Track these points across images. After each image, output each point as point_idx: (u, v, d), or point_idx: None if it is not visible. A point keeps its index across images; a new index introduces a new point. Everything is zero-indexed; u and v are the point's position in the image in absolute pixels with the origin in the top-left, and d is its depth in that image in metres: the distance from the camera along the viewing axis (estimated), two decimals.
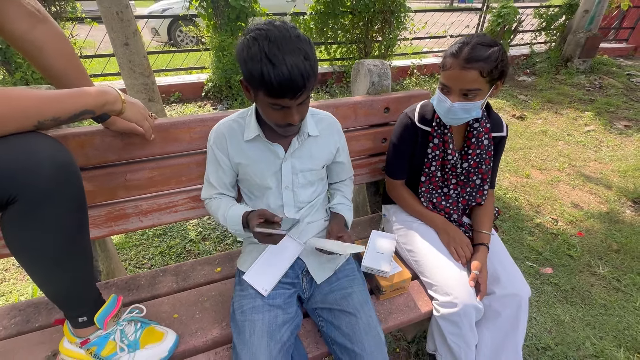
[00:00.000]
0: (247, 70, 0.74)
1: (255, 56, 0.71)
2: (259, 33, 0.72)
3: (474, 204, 1.18)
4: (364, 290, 0.98)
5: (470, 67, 0.92)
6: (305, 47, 0.73)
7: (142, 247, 1.87)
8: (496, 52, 0.92)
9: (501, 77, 0.96)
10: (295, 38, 0.73)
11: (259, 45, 0.70)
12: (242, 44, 0.74)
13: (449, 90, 0.98)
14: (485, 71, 0.91)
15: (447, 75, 0.97)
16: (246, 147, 0.96)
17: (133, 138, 1.03)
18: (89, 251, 0.79)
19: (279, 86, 0.72)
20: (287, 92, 0.73)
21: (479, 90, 0.95)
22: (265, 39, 0.71)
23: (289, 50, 0.71)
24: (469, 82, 0.93)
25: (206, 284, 1.16)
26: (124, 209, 1.12)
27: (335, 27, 4.31)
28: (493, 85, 0.97)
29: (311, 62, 0.74)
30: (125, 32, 2.32)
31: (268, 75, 0.70)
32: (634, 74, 5.38)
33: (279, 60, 0.70)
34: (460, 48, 0.94)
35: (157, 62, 5.03)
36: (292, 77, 0.71)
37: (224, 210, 0.96)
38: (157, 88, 2.64)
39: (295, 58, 0.71)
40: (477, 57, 0.91)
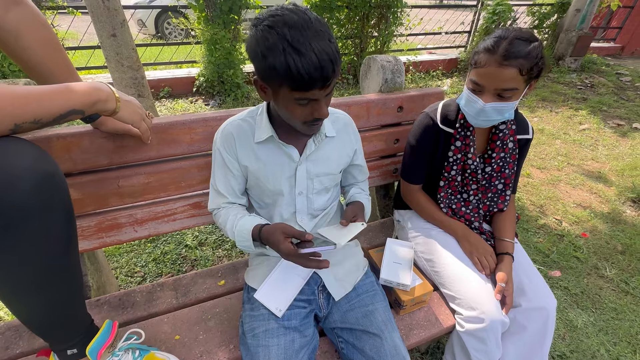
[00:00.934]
0: (267, 65, 0.64)
1: (275, 47, 0.61)
2: (275, 20, 0.62)
3: (496, 210, 1.11)
4: (387, 307, 0.90)
5: (509, 65, 0.83)
6: (326, 28, 0.65)
7: (134, 254, 1.75)
8: (537, 47, 0.84)
9: (538, 76, 0.89)
10: (315, 21, 0.64)
11: (277, 34, 0.61)
12: (254, 36, 0.64)
13: (482, 89, 0.90)
14: (525, 69, 0.84)
15: (481, 73, 0.89)
16: (257, 149, 0.86)
17: (127, 140, 0.92)
18: (77, 272, 0.68)
19: (309, 77, 0.62)
20: (317, 82, 0.64)
21: (516, 90, 0.87)
22: (284, 25, 0.61)
23: (313, 34, 0.62)
24: (506, 81, 0.85)
25: (209, 299, 1.06)
26: (117, 219, 1.01)
27: (330, 21, 4.19)
28: (529, 84, 0.90)
29: (335, 44, 0.65)
30: (112, 22, 2.16)
31: (295, 66, 0.61)
32: (623, 73, 5.47)
33: (306, 47, 0.60)
34: (497, 43, 0.85)
35: (145, 56, 4.81)
36: (323, 64, 0.62)
37: (232, 221, 0.85)
38: (147, 82, 2.49)
39: (322, 42, 0.62)
40: (516, 54, 0.83)
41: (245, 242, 0.82)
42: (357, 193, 1.02)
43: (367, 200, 1.00)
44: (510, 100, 0.90)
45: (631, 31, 6.64)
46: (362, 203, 0.96)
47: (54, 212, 0.57)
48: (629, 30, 6.68)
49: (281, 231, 0.75)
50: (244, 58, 3.81)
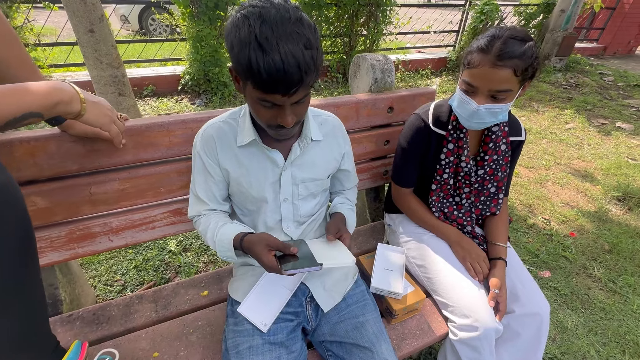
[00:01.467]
0: (234, 55, 0.59)
1: (244, 39, 0.56)
2: (252, 11, 0.57)
3: (488, 213, 1.09)
4: (377, 317, 0.86)
5: (503, 65, 0.80)
6: (308, 33, 0.59)
7: (114, 261, 1.66)
8: (532, 47, 0.81)
9: (533, 77, 0.86)
10: (296, 21, 0.58)
11: (249, 25, 0.56)
12: (231, 23, 0.60)
13: (475, 90, 0.87)
14: (520, 69, 0.80)
15: (475, 74, 0.85)
16: (239, 154, 0.81)
17: (98, 143, 0.85)
18: (36, 292, 0.61)
19: (269, 78, 0.57)
20: (278, 86, 0.59)
21: (510, 92, 0.84)
22: (258, 18, 0.56)
23: (285, 34, 0.56)
24: (501, 82, 0.82)
25: (191, 311, 1.00)
26: (90, 228, 0.94)
27: (319, 19, 4.14)
28: (522, 85, 0.87)
29: (313, 51, 0.59)
30: (89, 17, 2.05)
31: (256, 63, 0.56)
32: (606, 72, 5.60)
33: (271, 46, 0.55)
34: (490, 42, 0.81)
35: (128, 52, 4.66)
36: (286, 69, 0.56)
37: (213, 230, 0.80)
38: (128, 81, 2.39)
39: (293, 45, 0.56)
40: (511, 54, 0.79)
41: (227, 252, 0.77)
42: (340, 203, 0.97)
43: (350, 212, 0.95)
44: (504, 102, 0.87)
45: (613, 32, 6.81)
46: (343, 216, 0.91)
47: (4, 229, 0.51)
48: (611, 31, 6.84)
49: (264, 243, 0.70)
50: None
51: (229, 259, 0.78)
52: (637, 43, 7.32)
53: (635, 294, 1.66)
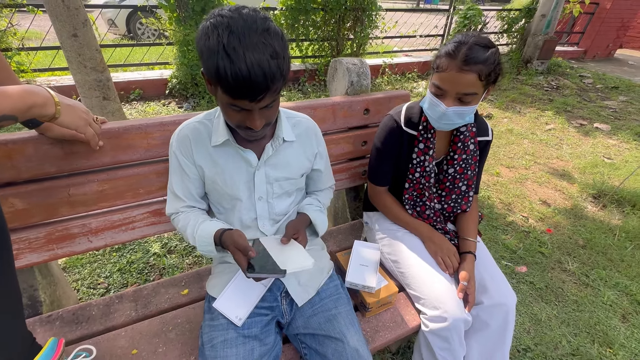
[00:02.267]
0: (204, 61, 0.63)
1: (212, 47, 0.60)
2: (220, 21, 0.60)
3: (459, 211, 1.13)
4: (350, 310, 0.90)
5: (469, 70, 0.85)
6: (275, 42, 0.62)
7: (98, 264, 1.67)
8: (494, 53, 0.87)
9: (495, 82, 0.92)
10: (263, 31, 0.61)
11: (218, 35, 0.60)
12: (201, 30, 0.63)
13: (444, 93, 0.92)
14: (484, 74, 0.86)
15: (443, 78, 0.90)
16: (214, 153, 0.84)
17: (76, 146, 0.87)
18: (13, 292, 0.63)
19: (236, 85, 0.61)
20: (245, 93, 0.63)
21: (475, 95, 0.89)
22: (226, 28, 0.60)
23: (251, 44, 0.60)
24: (467, 85, 0.87)
25: (171, 309, 1.02)
26: (69, 229, 0.95)
27: (306, 23, 4.20)
28: (487, 89, 0.92)
29: (279, 60, 0.63)
30: (72, 22, 2.06)
31: (224, 71, 0.60)
32: (585, 75, 5.78)
33: (238, 56, 0.59)
34: (457, 48, 0.87)
35: (115, 56, 4.65)
36: (252, 77, 0.60)
37: (193, 226, 0.84)
38: (113, 85, 2.39)
39: (259, 55, 0.60)
40: (475, 59, 0.85)
41: (208, 246, 0.81)
42: (309, 204, 0.98)
43: (317, 213, 0.96)
44: (470, 104, 0.92)
45: (592, 36, 7.03)
46: (307, 217, 0.94)
47: None
48: (590, 35, 7.07)
49: (233, 245, 0.75)
50: None
51: (209, 253, 0.82)
52: (616, 47, 7.58)
53: (607, 286, 1.73)
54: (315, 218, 0.95)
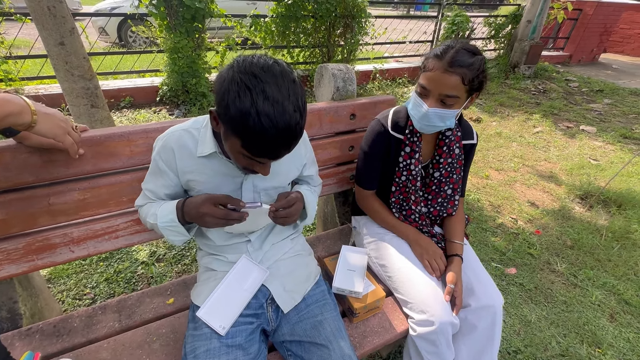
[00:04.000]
0: (228, 114, 0.62)
1: (244, 109, 0.59)
2: (254, 82, 0.60)
3: (445, 214, 1.14)
4: (337, 316, 0.89)
5: (453, 72, 0.87)
6: (301, 104, 0.64)
7: (84, 274, 1.64)
8: (480, 60, 0.89)
9: (479, 89, 0.93)
10: (294, 96, 0.62)
11: (251, 98, 0.59)
12: (230, 82, 0.61)
13: (428, 93, 0.93)
14: (467, 79, 0.88)
15: (428, 77, 0.92)
16: (200, 163, 0.83)
17: (56, 154, 0.86)
18: None
19: (262, 149, 0.64)
20: (269, 154, 0.67)
21: (457, 98, 0.91)
22: (261, 93, 0.59)
23: (284, 112, 0.60)
24: (450, 87, 0.89)
25: (156, 319, 1.00)
26: (49, 239, 0.94)
27: (297, 30, 4.23)
28: (470, 96, 0.94)
29: (304, 119, 0.65)
30: (59, 30, 2.05)
31: (253, 134, 0.61)
32: (571, 79, 5.91)
33: (271, 124, 0.60)
34: (445, 51, 0.89)
35: (105, 64, 4.62)
36: (280, 144, 0.64)
37: (155, 207, 0.83)
38: (102, 93, 2.37)
39: (289, 121, 0.61)
40: (460, 62, 0.87)
41: (169, 214, 0.79)
42: (302, 187, 0.97)
43: (311, 195, 0.95)
44: (452, 107, 0.93)
45: (577, 41, 7.21)
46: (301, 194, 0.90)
47: None
48: (574, 40, 7.24)
49: (210, 202, 0.75)
50: (208, 67, 3.75)
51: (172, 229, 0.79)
52: (599, 51, 7.78)
53: (594, 286, 1.75)
54: (308, 198, 0.92)
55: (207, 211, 0.74)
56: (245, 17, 4.07)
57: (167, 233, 0.80)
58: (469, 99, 0.95)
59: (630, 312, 1.61)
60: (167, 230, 0.80)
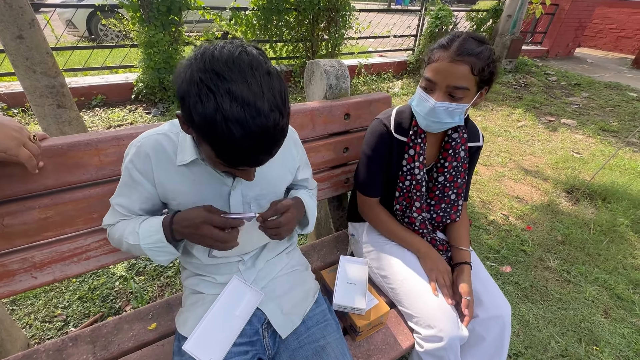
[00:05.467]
0: (192, 121, 0.52)
1: (209, 115, 0.49)
2: (216, 82, 0.49)
3: (449, 221, 1.08)
4: (340, 338, 0.81)
5: (462, 61, 0.81)
6: (279, 97, 0.53)
7: (55, 294, 1.49)
8: (488, 50, 0.83)
9: (489, 82, 0.87)
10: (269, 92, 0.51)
11: (215, 102, 0.48)
12: (188, 83, 0.50)
13: (434, 86, 0.86)
14: (477, 68, 0.81)
15: (434, 69, 0.85)
16: (181, 171, 0.72)
17: (10, 168, 0.73)
18: None
19: (238, 159, 0.55)
20: (249, 164, 0.57)
21: (467, 90, 0.84)
22: (226, 94, 0.48)
23: (257, 112, 0.50)
24: (459, 77, 0.82)
25: (136, 349, 0.89)
26: (6, 265, 0.81)
27: (279, 24, 4.09)
28: (480, 90, 0.87)
29: (285, 117, 0.55)
30: (17, 22, 1.84)
31: (224, 144, 0.52)
32: (550, 73, 6.05)
33: (244, 133, 0.50)
34: (452, 40, 0.83)
35: (73, 60, 4.32)
36: (257, 152, 0.54)
37: (135, 224, 0.71)
38: (69, 91, 2.18)
39: (268, 121, 0.51)
40: (469, 51, 0.80)
41: (155, 234, 0.68)
42: (300, 193, 0.88)
43: (311, 200, 0.88)
44: (461, 101, 0.86)
45: (554, 36, 7.39)
46: (300, 201, 0.83)
47: None
48: (552, 35, 7.42)
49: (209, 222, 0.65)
50: None
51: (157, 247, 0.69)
52: (575, 46, 8.01)
53: (587, 282, 1.75)
54: (308, 204, 0.84)
55: (207, 233, 0.65)
56: (225, 9, 3.88)
57: (152, 254, 0.70)
58: (479, 94, 0.88)
59: (622, 307, 1.62)
60: (152, 252, 0.70)
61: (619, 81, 5.79)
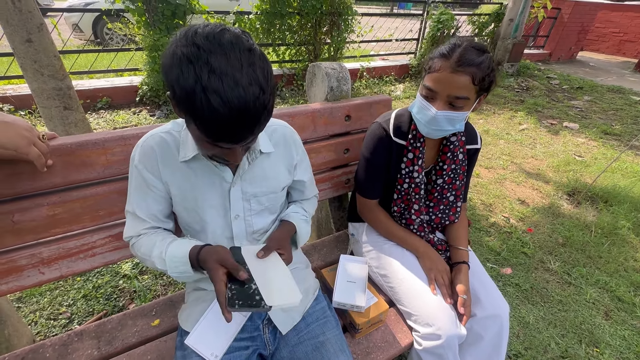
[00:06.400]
0: (175, 95, 0.54)
1: (188, 87, 0.51)
2: (197, 53, 0.50)
3: (447, 222, 1.09)
4: (339, 334, 0.83)
5: (463, 72, 0.82)
6: (261, 77, 0.54)
7: (60, 292, 1.51)
8: (488, 59, 0.84)
9: (488, 89, 0.88)
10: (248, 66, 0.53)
11: (194, 73, 0.50)
12: (171, 57, 0.53)
13: (435, 95, 0.87)
14: (477, 78, 0.82)
15: (435, 78, 0.86)
16: (183, 169, 0.74)
17: (20, 166, 0.76)
18: None
19: (218, 131, 0.55)
20: (229, 138, 0.57)
21: (467, 100, 0.85)
22: (205, 65, 0.50)
23: (236, 84, 0.51)
24: (459, 88, 0.83)
25: (140, 344, 0.91)
26: (15, 260, 0.83)
27: (282, 28, 4.14)
28: (479, 97, 0.88)
29: (266, 97, 0.55)
30: (26, 26, 1.89)
31: (203, 115, 0.52)
32: (552, 76, 6.05)
33: (221, 101, 0.50)
34: (452, 49, 0.83)
35: (79, 63, 4.38)
36: (238, 123, 0.54)
37: (160, 248, 0.73)
38: (75, 93, 2.22)
39: (245, 96, 0.52)
40: (470, 61, 0.81)
41: (182, 266, 0.71)
42: (294, 212, 0.90)
43: (303, 222, 0.90)
44: (462, 110, 0.88)
45: (556, 39, 7.40)
46: (293, 225, 0.86)
47: None
48: (554, 38, 7.43)
49: (215, 258, 0.66)
50: None
51: (183, 276, 0.72)
52: (577, 49, 8.01)
53: (588, 284, 1.75)
54: (301, 228, 0.87)
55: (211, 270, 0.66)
56: (229, 14, 3.93)
57: (177, 278, 0.74)
58: (478, 100, 0.90)
59: (624, 309, 1.62)
60: (178, 277, 0.73)
61: (622, 85, 5.78)
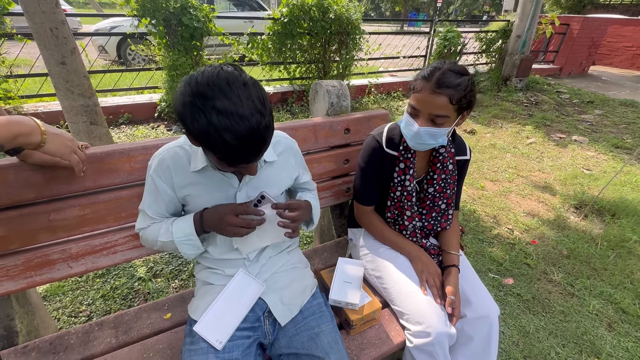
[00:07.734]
0: (194, 136, 0.67)
1: (202, 129, 0.62)
2: (202, 102, 0.61)
3: (439, 229, 1.16)
4: (334, 328, 0.90)
5: (441, 93, 0.90)
6: (259, 105, 0.64)
7: (80, 292, 1.63)
8: (466, 81, 0.91)
9: (469, 107, 0.96)
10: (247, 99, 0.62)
11: (205, 117, 0.61)
12: (182, 107, 0.63)
13: (418, 113, 0.96)
14: (455, 99, 0.90)
15: (417, 98, 0.95)
16: (195, 177, 0.86)
17: (58, 171, 0.88)
18: None
19: (234, 159, 0.68)
20: (243, 161, 0.69)
21: (447, 118, 0.93)
22: (212, 109, 0.60)
23: (241, 118, 0.61)
24: (438, 107, 0.92)
25: (153, 334, 1.00)
26: (48, 255, 0.95)
27: (293, 47, 4.34)
28: (460, 114, 0.97)
29: (267, 116, 0.65)
30: (61, 51, 2.10)
31: (220, 149, 0.65)
32: (562, 91, 6.05)
33: (235, 137, 0.62)
34: (432, 72, 0.92)
35: (104, 82, 4.70)
36: (249, 151, 0.66)
37: (167, 224, 0.87)
38: (101, 110, 2.41)
39: (251, 127, 0.62)
40: (447, 84, 0.90)
41: (186, 229, 0.84)
42: (302, 193, 1.03)
43: (314, 201, 1.02)
44: (442, 126, 0.96)
45: (566, 54, 7.42)
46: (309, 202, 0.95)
47: None
48: (564, 53, 7.45)
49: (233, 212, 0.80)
50: None
51: (191, 243, 0.85)
52: (589, 64, 7.99)
53: (591, 295, 1.75)
54: (315, 206, 0.99)
55: (230, 221, 0.79)
56: (243, 35, 4.18)
57: (182, 247, 0.86)
58: (460, 117, 0.98)
59: (628, 321, 1.61)
60: (182, 245, 0.85)
61: (635, 98, 5.72)
